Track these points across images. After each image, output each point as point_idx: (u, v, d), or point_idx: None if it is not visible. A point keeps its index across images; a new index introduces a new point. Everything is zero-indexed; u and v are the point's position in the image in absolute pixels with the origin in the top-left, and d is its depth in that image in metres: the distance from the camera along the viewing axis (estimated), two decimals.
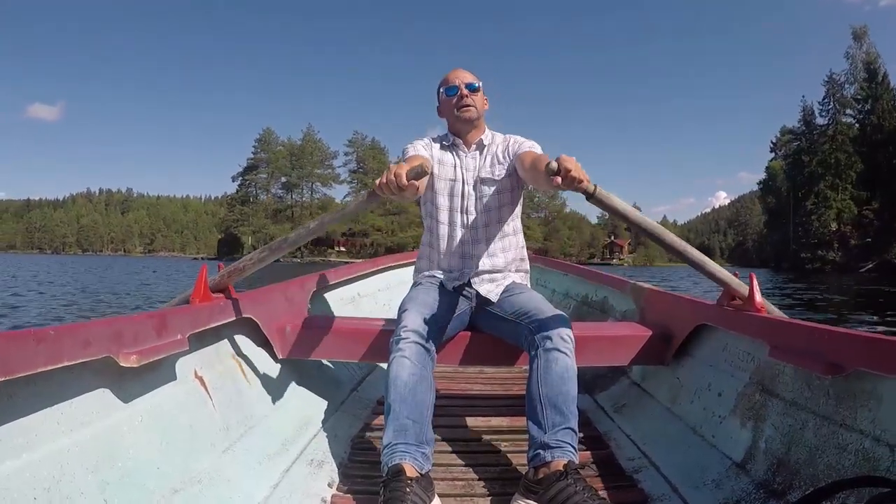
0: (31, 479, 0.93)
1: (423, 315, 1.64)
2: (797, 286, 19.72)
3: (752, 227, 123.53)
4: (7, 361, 0.91)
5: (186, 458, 1.31)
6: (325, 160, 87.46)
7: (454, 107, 1.94)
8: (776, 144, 68.97)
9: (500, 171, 1.95)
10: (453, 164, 1.97)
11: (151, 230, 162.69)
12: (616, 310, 2.88)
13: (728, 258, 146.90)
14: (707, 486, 1.45)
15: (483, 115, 2.00)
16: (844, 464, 1.17)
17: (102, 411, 1.15)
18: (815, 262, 52.33)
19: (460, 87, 1.92)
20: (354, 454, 1.79)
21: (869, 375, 1.18)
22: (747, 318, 1.64)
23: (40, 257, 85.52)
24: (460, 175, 1.96)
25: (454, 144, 1.99)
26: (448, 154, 1.99)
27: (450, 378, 2.74)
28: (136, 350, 1.21)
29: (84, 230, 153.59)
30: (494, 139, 2.02)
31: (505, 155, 1.96)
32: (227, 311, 1.71)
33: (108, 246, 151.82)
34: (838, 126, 55.45)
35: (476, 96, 1.94)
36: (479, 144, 1.99)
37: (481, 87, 1.96)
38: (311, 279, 2.53)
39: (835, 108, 56.51)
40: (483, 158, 1.98)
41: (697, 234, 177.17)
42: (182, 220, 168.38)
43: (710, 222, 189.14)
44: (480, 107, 1.96)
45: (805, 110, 59.92)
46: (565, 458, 1.40)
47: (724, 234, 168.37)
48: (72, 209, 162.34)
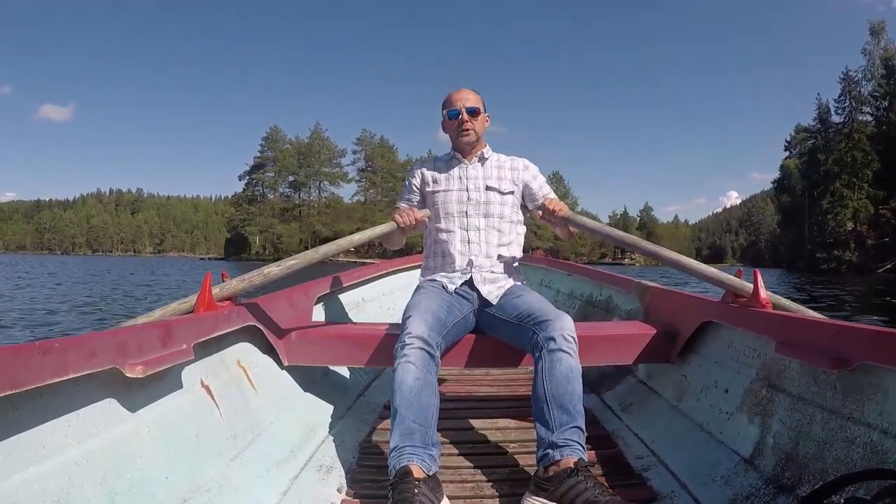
0: (39, 492, 0.94)
1: (426, 320, 1.67)
2: (815, 287, 18.98)
3: (766, 226, 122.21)
4: (13, 374, 0.91)
5: (194, 467, 1.31)
6: (332, 158, 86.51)
7: (455, 130, 2.08)
8: (790, 143, 68.09)
9: (505, 186, 2.10)
10: (458, 175, 2.11)
11: (161, 230, 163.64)
12: (621, 309, 2.89)
13: (740, 258, 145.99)
14: (716, 483, 1.45)
15: (482, 134, 2.13)
16: (853, 457, 1.17)
17: (109, 422, 1.15)
18: (831, 263, 51.51)
19: (461, 111, 2.04)
20: (363, 459, 1.80)
21: (876, 369, 1.18)
22: (752, 314, 1.65)
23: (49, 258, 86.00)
24: (464, 183, 2.09)
25: (456, 158, 2.14)
26: (453, 165, 2.14)
27: (456, 381, 2.74)
28: (142, 360, 1.21)
29: (94, 231, 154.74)
30: (499, 158, 2.16)
31: (514, 180, 2.13)
32: (232, 320, 1.72)
33: (117, 246, 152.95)
34: (855, 124, 54.49)
35: (476, 120, 2.07)
36: (480, 157, 2.14)
37: (482, 108, 2.10)
38: (316, 285, 2.52)
39: (851, 106, 55.51)
40: (485, 169, 2.12)
41: (709, 234, 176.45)
42: (192, 220, 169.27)
43: (722, 222, 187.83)
44: (480, 128, 2.10)
45: (820, 108, 59.03)
46: (574, 455, 1.43)
47: (736, 233, 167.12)
48: (82, 210, 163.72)
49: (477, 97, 2.08)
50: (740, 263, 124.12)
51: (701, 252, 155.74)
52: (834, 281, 27.45)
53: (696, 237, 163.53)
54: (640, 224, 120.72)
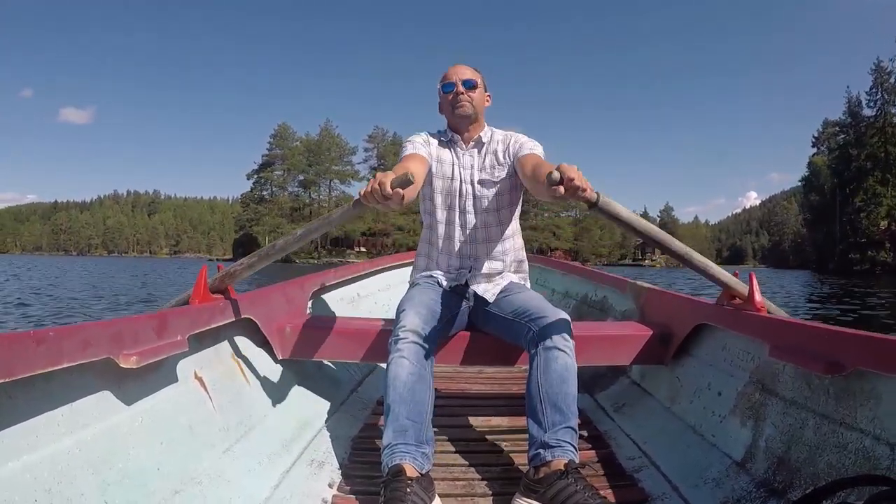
0: (31, 481, 0.94)
1: (421, 315, 1.63)
2: (849, 297, 16.93)
3: (790, 227, 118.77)
4: (7, 363, 0.91)
5: (187, 458, 1.31)
6: (343, 156, 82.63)
7: (450, 104, 1.91)
8: (818, 139, 65.30)
9: (499, 173, 1.93)
10: (451, 161, 1.95)
11: (177, 231, 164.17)
12: (616, 309, 2.87)
13: (762, 259, 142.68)
14: (707, 485, 1.45)
15: (482, 112, 1.97)
16: (845, 462, 1.17)
17: (103, 412, 1.16)
18: (864, 263, 49.45)
19: (457, 83, 1.90)
20: (355, 454, 1.79)
21: (869, 374, 1.19)
22: (747, 317, 1.64)
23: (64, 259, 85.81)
24: (458, 174, 1.94)
25: (452, 141, 1.96)
26: (446, 151, 1.96)
27: (449, 378, 2.73)
28: (136, 351, 1.22)
29: (110, 232, 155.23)
30: (494, 136, 1.98)
31: (505, 156, 1.93)
32: (227, 312, 1.71)
33: (134, 247, 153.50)
34: (887, 117, 51.82)
35: (474, 93, 1.91)
36: (477, 142, 1.96)
37: (481, 83, 1.94)
38: (311, 279, 2.52)
39: (883, 98, 53.01)
40: (482, 157, 1.95)
41: (729, 235, 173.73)
42: (209, 222, 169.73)
43: (742, 223, 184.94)
44: (479, 104, 1.93)
45: (850, 101, 56.36)
46: (566, 457, 1.41)
47: (756, 234, 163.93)
48: (98, 211, 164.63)
49: (475, 72, 1.93)
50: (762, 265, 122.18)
51: (721, 253, 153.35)
52: (867, 284, 25.35)
53: (715, 238, 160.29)
54: (660, 224, 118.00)
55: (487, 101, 1.98)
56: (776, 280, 28.81)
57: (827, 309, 12.70)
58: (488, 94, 1.99)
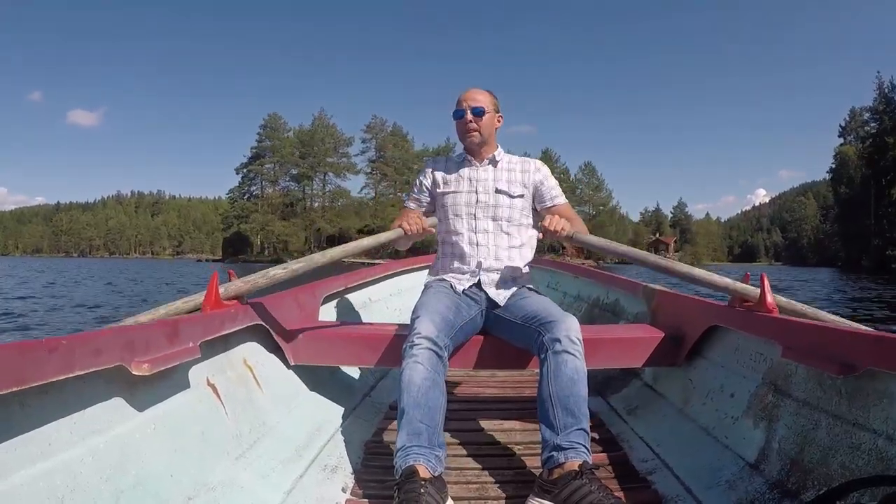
0: (45, 489, 0.94)
1: (435, 321, 1.67)
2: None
3: (808, 222, 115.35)
4: (20, 371, 0.91)
5: (199, 465, 1.31)
6: (338, 147, 76.83)
7: (460, 131, 2.05)
8: (845, 128, 61.84)
9: (516, 189, 2.06)
10: (468, 176, 2.08)
11: (180, 232, 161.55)
12: (628, 312, 2.88)
13: (776, 256, 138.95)
14: (721, 487, 1.45)
15: (493, 134, 2.09)
16: (858, 463, 1.17)
17: (115, 420, 1.16)
18: None
19: (466, 111, 2.01)
20: (368, 459, 1.79)
21: (881, 374, 1.18)
22: (759, 318, 1.65)
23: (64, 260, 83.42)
24: (475, 186, 2.06)
25: (468, 160, 2.11)
26: (464, 167, 2.11)
27: (462, 382, 2.73)
28: (148, 358, 1.22)
29: (111, 233, 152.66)
30: (511, 160, 2.13)
31: (525, 183, 2.08)
32: (239, 319, 1.72)
33: (136, 248, 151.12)
34: None
35: (482, 119, 2.02)
36: (491, 160, 2.10)
37: (491, 106, 2.04)
38: (323, 285, 2.53)
39: None
40: (497, 171, 2.08)
41: (740, 232, 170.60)
42: (213, 222, 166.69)
43: (752, 220, 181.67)
44: (488, 129, 2.05)
45: (881, 87, 53.13)
46: (579, 458, 1.42)
47: (768, 231, 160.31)
48: (101, 212, 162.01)
49: (486, 96, 2.04)
50: (778, 263, 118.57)
51: (733, 251, 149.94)
52: None
53: (726, 235, 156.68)
54: (673, 221, 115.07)
55: (499, 123, 2.10)
56: (807, 281, 25.65)
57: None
58: (500, 115, 2.09)
